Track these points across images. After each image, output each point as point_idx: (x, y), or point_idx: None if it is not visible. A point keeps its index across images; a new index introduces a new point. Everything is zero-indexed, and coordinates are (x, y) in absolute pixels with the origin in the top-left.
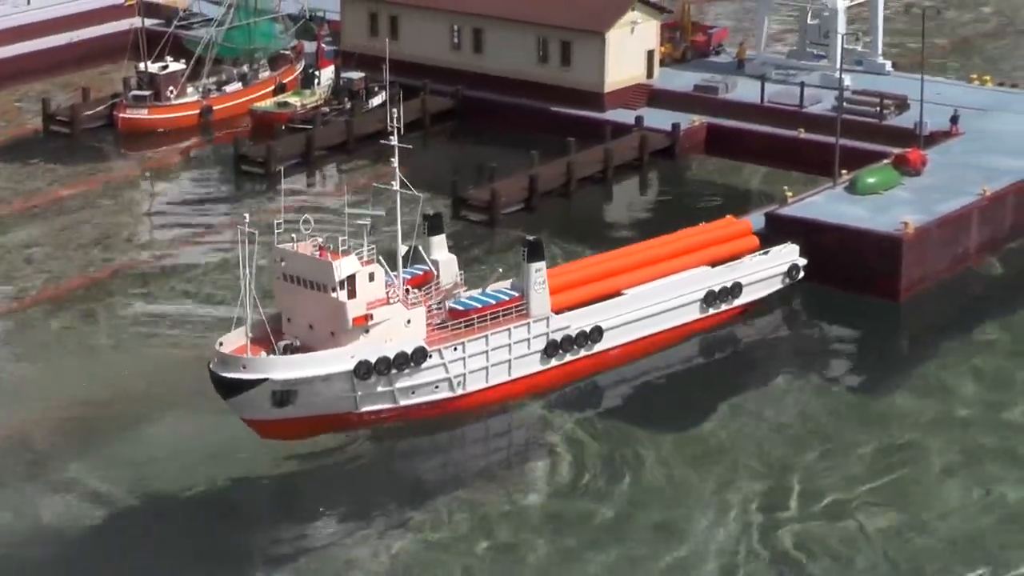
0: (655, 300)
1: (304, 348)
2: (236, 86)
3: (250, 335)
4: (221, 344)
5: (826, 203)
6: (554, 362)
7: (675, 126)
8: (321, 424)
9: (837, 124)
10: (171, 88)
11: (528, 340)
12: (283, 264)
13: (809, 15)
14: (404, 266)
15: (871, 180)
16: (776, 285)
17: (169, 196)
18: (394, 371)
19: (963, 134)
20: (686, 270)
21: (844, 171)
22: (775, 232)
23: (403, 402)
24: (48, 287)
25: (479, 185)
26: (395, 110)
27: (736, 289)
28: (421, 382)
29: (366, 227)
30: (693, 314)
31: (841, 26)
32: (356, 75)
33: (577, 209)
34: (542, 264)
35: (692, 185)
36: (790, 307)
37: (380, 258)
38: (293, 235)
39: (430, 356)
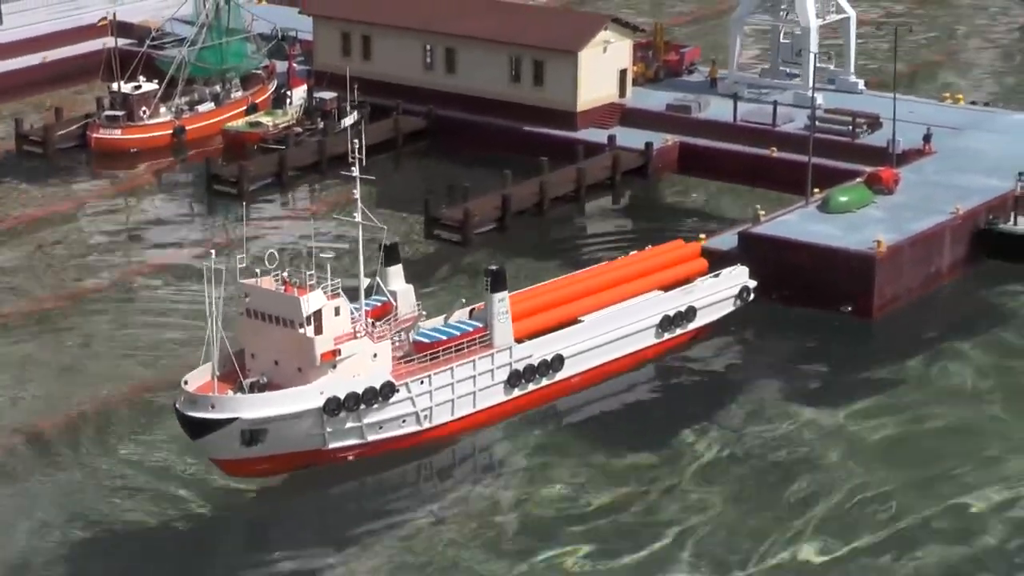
0: (613, 326)
1: (271, 385)
2: (208, 106)
3: (216, 372)
4: (186, 382)
5: (799, 222)
6: (517, 392)
7: (648, 145)
8: (289, 462)
9: (810, 143)
10: (144, 108)
11: (492, 371)
12: (247, 299)
13: (781, 34)
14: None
15: (844, 199)
16: (728, 308)
17: (142, 216)
18: (362, 406)
19: (936, 153)
20: (639, 295)
21: (817, 190)
22: (747, 251)
23: (371, 437)
24: (19, 307)
25: (452, 204)
26: (356, 141)
27: (690, 313)
28: (388, 416)
29: (327, 261)
30: (649, 340)
31: (813, 45)
32: (328, 95)
33: (550, 228)
34: (505, 294)
35: (665, 204)
36: (759, 326)
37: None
38: (257, 270)
39: (397, 390)
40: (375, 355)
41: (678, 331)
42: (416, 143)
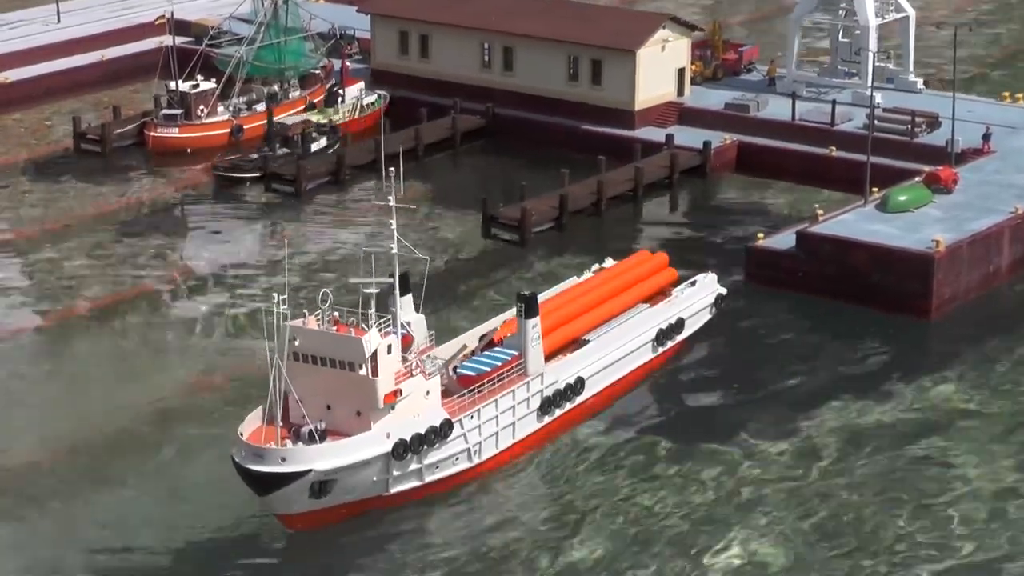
0: (619, 344)
1: (329, 432)
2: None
3: (277, 423)
4: (242, 434)
5: (857, 221)
6: (547, 419)
7: (706, 144)
8: (351, 511)
9: (868, 142)
10: (201, 107)
11: (528, 399)
12: (296, 343)
13: (840, 33)
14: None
15: (902, 198)
16: (706, 317)
17: (199, 216)
18: (424, 447)
19: (995, 152)
20: (629, 309)
21: (875, 189)
22: (804, 251)
23: (428, 478)
24: (79, 305)
25: (509, 203)
26: (391, 169)
27: (679, 325)
28: (445, 455)
29: (372, 295)
30: (648, 354)
31: (872, 44)
32: (293, 119)
33: (607, 228)
34: (538, 319)
35: (723, 204)
36: (818, 326)
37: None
38: (305, 311)
39: (454, 427)
40: (427, 392)
41: (669, 344)
42: (473, 142)
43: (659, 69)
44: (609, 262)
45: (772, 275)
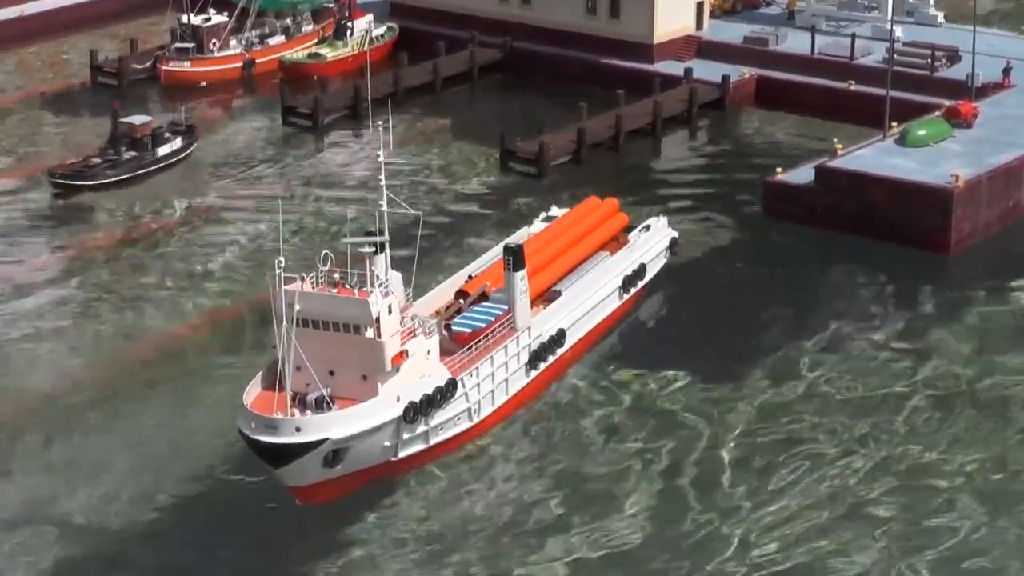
0: (590, 294)
1: (335, 398)
2: (279, 39)
3: (281, 392)
4: (247, 403)
5: (876, 156)
6: (534, 373)
7: (725, 78)
8: (361, 479)
9: (888, 76)
10: (214, 41)
11: (518, 354)
12: (296, 308)
13: None
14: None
15: (922, 132)
16: (662, 261)
17: (216, 149)
18: (432, 409)
19: (1015, 86)
20: (589, 257)
21: (894, 124)
22: (823, 185)
23: (433, 440)
24: (95, 241)
25: (527, 137)
26: (380, 123)
27: (642, 270)
28: (449, 416)
29: (369, 255)
30: (616, 301)
31: None
32: (139, 119)
33: (626, 162)
34: (525, 272)
35: (741, 137)
36: (837, 260)
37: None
38: (302, 275)
39: (457, 387)
40: (428, 352)
41: (632, 290)
42: (491, 76)
43: (678, 2)
44: (555, 210)
45: (790, 210)
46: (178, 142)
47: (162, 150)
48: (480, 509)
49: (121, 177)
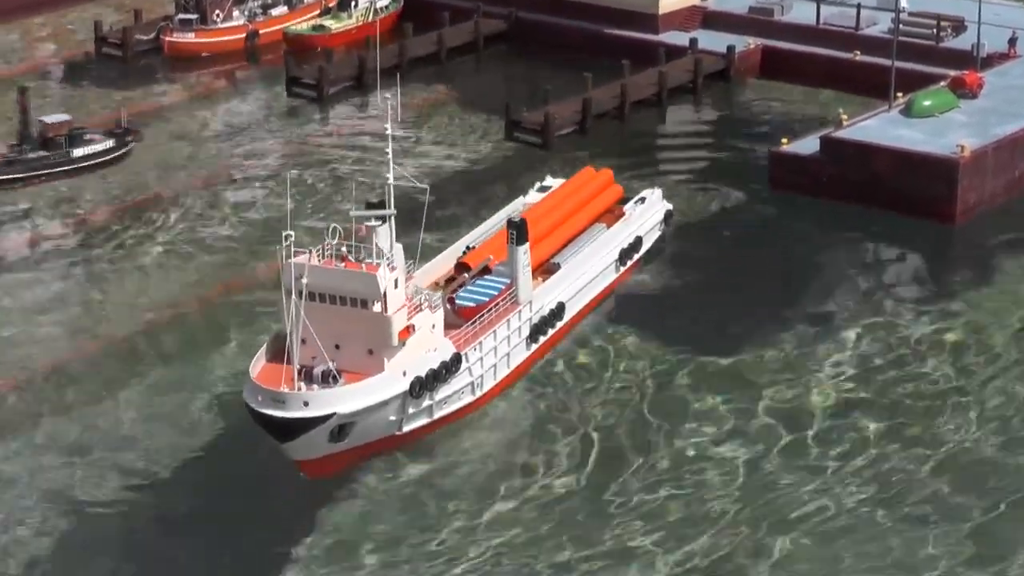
0: (589, 267)
1: (341, 372)
2: (282, 10)
3: (288, 365)
4: (252, 376)
5: (881, 126)
6: (534, 346)
7: (730, 48)
8: (366, 452)
9: (893, 46)
10: (217, 12)
11: (520, 328)
12: (304, 280)
13: None
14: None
15: (927, 103)
16: (657, 233)
17: (220, 121)
18: (437, 383)
19: (1021, 56)
20: (586, 229)
21: (900, 94)
22: (828, 155)
23: (437, 415)
24: (101, 211)
25: (533, 108)
26: (388, 95)
27: (638, 243)
28: (453, 390)
29: (375, 228)
30: (613, 274)
31: None
32: (56, 118)
33: (631, 132)
34: (527, 246)
35: (747, 108)
36: (842, 230)
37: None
38: (310, 248)
39: (462, 361)
40: (433, 326)
41: (628, 263)
42: (497, 46)
43: None
44: (549, 180)
45: (796, 180)
46: (104, 144)
47: (79, 151)
48: (481, 477)
49: (15, 176)
